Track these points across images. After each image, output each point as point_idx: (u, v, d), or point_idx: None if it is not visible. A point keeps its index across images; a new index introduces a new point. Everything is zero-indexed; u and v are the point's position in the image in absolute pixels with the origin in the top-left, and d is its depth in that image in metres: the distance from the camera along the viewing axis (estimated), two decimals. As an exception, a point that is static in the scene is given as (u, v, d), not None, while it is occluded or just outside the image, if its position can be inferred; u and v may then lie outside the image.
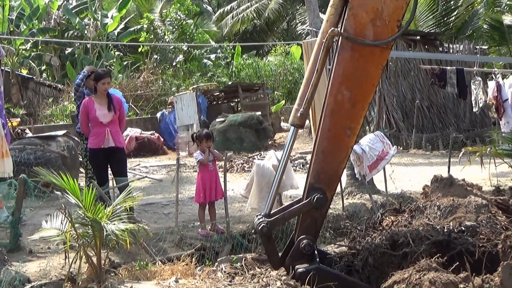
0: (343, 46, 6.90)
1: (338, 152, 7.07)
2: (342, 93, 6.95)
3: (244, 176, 17.26)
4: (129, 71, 35.38)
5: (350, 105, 6.98)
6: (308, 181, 7.10)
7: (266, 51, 46.24)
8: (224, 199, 11.05)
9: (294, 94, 35.30)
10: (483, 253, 6.82)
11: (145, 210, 12.76)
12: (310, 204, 6.98)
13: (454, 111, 26.44)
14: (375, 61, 6.94)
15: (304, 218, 7.13)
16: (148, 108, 31.50)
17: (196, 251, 9.81)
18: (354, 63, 6.92)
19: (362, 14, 6.82)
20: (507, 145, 13.90)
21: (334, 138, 7.04)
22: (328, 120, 6.99)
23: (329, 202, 7.16)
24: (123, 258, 9.11)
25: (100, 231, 7.20)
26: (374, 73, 7.01)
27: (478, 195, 8.24)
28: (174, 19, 35.61)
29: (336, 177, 7.20)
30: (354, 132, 7.05)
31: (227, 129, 23.95)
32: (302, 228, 7.12)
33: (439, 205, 8.02)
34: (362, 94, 7.03)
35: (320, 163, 7.05)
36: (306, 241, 6.96)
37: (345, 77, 6.93)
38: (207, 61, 36.02)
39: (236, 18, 44.90)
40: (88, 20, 36.92)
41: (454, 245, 7.00)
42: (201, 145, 10.98)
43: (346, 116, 7.02)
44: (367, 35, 6.82)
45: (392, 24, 6.82)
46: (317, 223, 7.15)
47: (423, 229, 7.36)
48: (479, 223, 7.40)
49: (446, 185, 8.41)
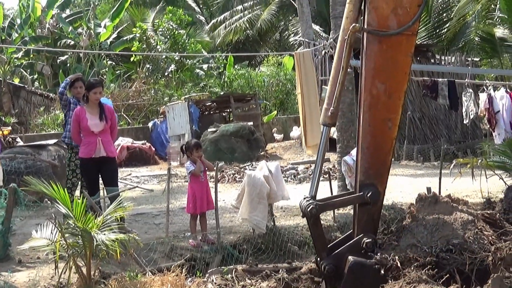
0: (369, 41, 6.90)
1: (383, 145, 7.10)
2: (377, 87, 6.95)
3: (236, 186, 17.24)
4: (121, 80, 35.37)
5: (386, 97, 6.98)
6: (358, 178, 7.13)
7: (258, 61, 46.29)
8: (215, 209, 11.03)
9: (286, 104, 35.39)
10: (472, 271, 6.81)
11: (136, 220, 12.72)
12: (362, 197, 7.02)
13: (446, 123, 26.52)
14: (403, 49, 6.95)
15: (360, 216, 7.18)
16: (140, 118, 31.50)
17: (187, 261, 9.78)
18: (383, 55, 6.92)
19: (382, 5, 6.81)
20: (498, 157, 13.94)
21: (377, 132, 7.05)
22: (368, 116, 6.98)
23: (382, 196, 7.18)
24: (113, 268, 9.05)
25: (90, 241, 7.18)
26: (404, 61, 7.03)
27: (464, 211, 8.21)
28: (166, 29, 35.65)
29: (385, 169, 7.21)
30: (395, 123, 7.06)
31: (218, 139, 23.95)
32: (360, 226, 7.16)
33: (425, 224, 7.97)
34: (396, 84, 7.04)
35: (367, 159, 7.09)
36: (370, 239, 6.97)
37: (377, 71, 6.93)
38: (200, 71, 36.05)
39: (228, 28, 44.95)
40: (82, 29, 36.92)
41: (443, 265, 6.98)
42: (191, 156, 10.97)
43: (384, 108, 7.03)
44: (391, 25, 6.82)
45: (413, 10, 6.82)
46: (374, 219, 7.21)
47: (411, 251, 7.33)
48: (466, 240, 7.38)
49: (431, 203, 8.37)
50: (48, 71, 36.98)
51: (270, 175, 10.92)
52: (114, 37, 38.87)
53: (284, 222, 12.34)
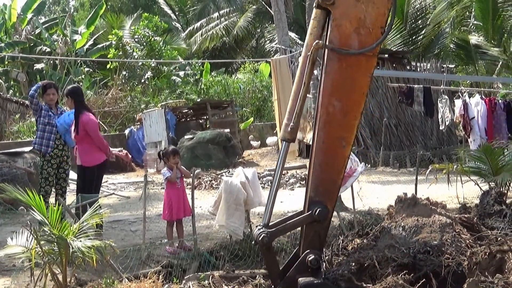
0: (329, 58, 6.87)
1: (334, 163, 7.03)
2: (333, 104, 6.92)
3: (212, 193, 17.22)
4: (98, 88, 35.24)
5: (342, 115, 6.94)
6: (308, 195, 7.08)
7: (235, 68, 46.37)
8: (191, 216, 11.01)
9: (262, 111, 35.44)
10: (448, 273, 6.85)
11: (112, 227, 12.69)
12: (311, 216, 6.91)
13: (422, 129, 26.68)
14: (362, 69, 6.92)
15: (307, 233, 7.05)
16: (116, 125, 31.39)
17: (163, 268, 9.75)
18: (342, 73, 6.88)
19: (345, 24, 6.81)
20: (473, 163, 14.03)
21: (330, 150, 7.00)
22: (322, 133, 6.95)
23: (330, 214, 7.12)
24: (89, 275, 9.02)
25: (66, 248, 7.14)
26: (363, 81, 6.99)
27: (443, 214, 8.27)
28: (142, 36, 35.59)
29: (335, 188, 7.14)
30: (348, 142, 7.01)
31: (195, 146, 23.94)
32: (306, 243, 7.04)
33: (404, 225, 8.02)
34: (353, 104, 7.00)
35: (318, 176, 7.01)
36: (313, 255, 6.92)
37: (334, 88, 6.90)
38: (176, 78, 36.02)
39: (205, 35, 45.01)
40: (58, 36, 36.75)
41: (420, 267, 7.01)
42: (168, 162, 10.97)
43: (339, 126, 6.98)
44: (352, 44, 6.80)
45: (376, 32, 6.82)
46: (321, 237, 7.08)
47: (389, 251, 7.37)
48: (444, 243, 7.43)
49: (410, 205, 8.42)
50: (24, 78, 36.78)
51: (247, 181, 10.92)
52: (91, 44, 38.78)
53: (261, 228, 12.32)
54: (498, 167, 13.25)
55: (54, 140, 11.52)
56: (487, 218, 9.44)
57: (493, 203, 10.15)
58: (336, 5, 6.77)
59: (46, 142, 11.48)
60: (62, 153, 11.65)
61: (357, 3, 6.76)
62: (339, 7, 6.78)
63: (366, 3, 6.76)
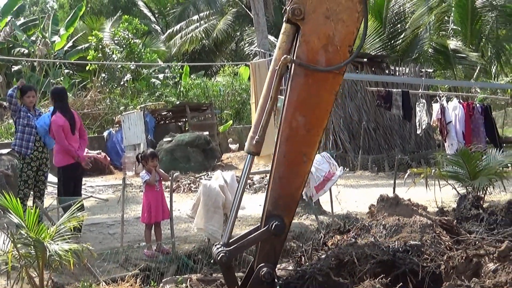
0: (296, 73, 6.88)
1: (295, 178, 7.03)
2: (297, 119, 6.93)
3: (191, 196, 17.20)
4: (76, 90, 35.06)
5: (305, 131, 6.95)
6: (266, 208, 7.05)
7: (214, 71, 46.39)
8: (170, 219, 11.00)
9: (242, 114, 35.47)
10: (427, 273, 6.89)
11: (90, 230, 12.63)
12: (268, 231, 6.91)
13: (400, 133, 26.78)
14: (328, 86, 6.94)
15: (263, 246, 7.04)
16: (95, 127, 31.24)
17: (141, 271, 9.72)
18: (308, 89, 6.89)
19: (314, 40, 6.82)
20: (451, 167, 14.11)
21: (290, 164, 6.99)
22: (284, 147, 6.95)
23: (287, 229, 7.10)
24: (67, 279, 8.98)
25: (43, 252, 7.10)
26: (328, 98, 7.00)
27: (423, 215, 8.35)
28: (122, 38, 35.48)
29: (293, 203, 7.13)
30: (309, 157, 7.02)
31: (174, 149, 23.90)
32: (261, 256, 7.03)
33: (385, 224, 8.09)
34: (316, 120, 7.01)
35: (277, 190, 7.00)
36: (266, 269, 6.88)
37: (299, 103, 6.91)
38: (155, 81, 35.95)
39: (184, 38, 44.97)
40: (36, 37, 36.55)
41: (399, 265, 7.06)
42: (147, 165, 10.96)
43: (301, 142, 6.99)
44: (320, 61, 6.82)
45: (343, 50, 6.84)
46: (276, 250, 7.08)
47: (369, 248, 7.41)
48: (423, 243, 7.49)
49: (392, 204, 8.48)
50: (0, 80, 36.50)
51: (225, 184, 10.92)
52: (70, 46, 38.56)
53: (239, 231, 12.25)
54: (476, 172, 13.35)
55: (34, 141, 11.50)
56: (464, 222, 9.53)
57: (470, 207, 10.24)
58: (306, 20, 6.81)
59: (26, 143, 11.45)
60: (41, 155, 11.62)
61: (326, 20, 6.79)
62: (309, 23, 6.82)
63: (336, 21, 6.80)
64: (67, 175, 11.61)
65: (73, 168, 11.54)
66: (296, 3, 6.80)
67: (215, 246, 7.11)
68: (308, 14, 6.81)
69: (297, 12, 6.77)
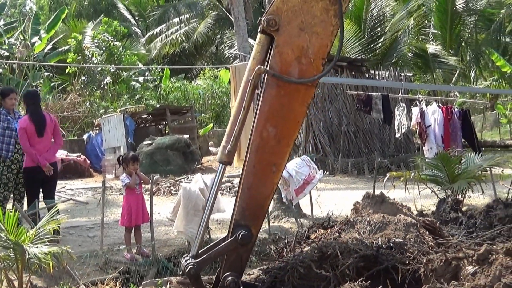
0: (268, 84, 6.86)
1: (263, 189, 6.99)
2: (268, 130, 6.91)
3: (171, 199, 17.18)
4: (56, 92, 34.91)
5: (275, 141, 6.93)
6: (234, 217, 7.03)
7: (194, 74, 46.35)
8: (150, 222, 10.99)
9: (222, 117, 35.49)
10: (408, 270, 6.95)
11: (69, 233, 12.59)
12: (235, 241, 6.86)
13: (380, 137, 26.88)
14: (300, 98, 6.93)
15: (229, 255, 7.00)
16: (75, 130, 31.14)
17: (121, 274, 9.71)
18: (280, 100, 6.88)
19: (287, 51, 6.82)
20: (430, 171, 14.20)
21: (260, 175, 6.97)
22: (254, 157, 6.93)
23: (254, 238, 7.08)
24: (46, 282, 8.96)
25: (22, 254, 7.08)
26: (299, 110, 6.99)
27: (408, 215, 8.42)
28: (102, 41, 35.38)
29: (261, 213, 7.09)
30: (279, 168, 7.00)
31: (154, 152, 23.84)
32: (227, 265, 6.99)
33: (370, 220, 8.15)
34: (287, 131, 7.00)
35: (245, 200, 6.96)
36: (231, 278, 6.87)
37: (271, 114, 6.90)
38: (136, 84, 35.83)
39: (165, 41, 44.93)
40: (16, 39, 36.37)
41: (382, 261, 7.12)
42: (127, 168, 10.94)
43: (271, 152, 6.97)
44: (292, 72, 6.81)
45: (317, 62, 6.84)
46: (243, 259, 7.03)
47: (352, 243, 7.46)
48: (407, 241, 7.55)
49: (378, 202, 8.55)
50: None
51: (205, 187, 10.93)
52: (49, 48, 38.38)
53: (220, 234, 12.32)
54: (455, 175, 13.45)
55: (14, 144, 11.48)
56: (443, 225, 9.60)
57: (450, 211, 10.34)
58: (280, 32, 6.79)
59: (6, 146, 11.41)
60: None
61: (301, 32, 6.79)
62: (283, 34, 6.81)
63: (310, 33, 6.79)
64: (30, 177, 11.57)
65: (36, 171, 11.44)
66: (271, 14, 6.79)
67: (183, 258, 7.10)
68: (283, 25, 6.80)
69: (272, 23, 6.77)
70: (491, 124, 40.31)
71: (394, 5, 36.79)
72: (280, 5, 6.80)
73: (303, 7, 6.79)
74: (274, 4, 6.83)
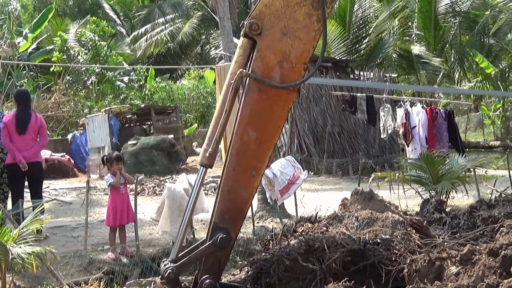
0: (250, 87, 6.86)
1: (243, 192, 7.00)
2: (248, 134, 6.91)
3: (156, 199, 17.15)
4: (40, 92, 34.77)
5: (256, 145, 6.93)
6: (213, 220, 7.03)
7: (179, 74, 46.29)
8: (134, 222, 10.97)
9: (207, 117, 35.44)
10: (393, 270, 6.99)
11: (53, 233, 12.54)
12: (214, 244, 6.85)
13: (364, 137, 26.95)
14: (281, 103, 6.93)
15: (207, 258, 7.01)
16: (59, 130, 31.02)
17: (105, 275, 9.69)
18: (261, 104, 6.88)
19: (269, 56, 6.82)
20: (414, 171, 14.25)
21: (240, 178, 6.97)
22: (234, 160, 6.93)
23: (233, 242, 7.08)
24: (29, 282, 8.92)
25: (5, 255, 7.05)
26: (280, 114, 6.99)
27: (396, 212, 8.46)
28: (88, 40, 35.28)
29: (240, 217, 7.09)
30: (259, 172, 7.00)
31: (139, 152, 23.80)
32: (205, 268, 7.00)
33: (358, 216, 8.20)
34: (268, 135, 7.00)
35: (225, 203, 6.96)
36: (209, 281, 6.85)
37: (252, 118, 6.90)
38: (120, 83, 35.72)
39: (150, 41, 44.84)
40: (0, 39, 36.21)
41: (369, 256, 7.18)
42: (111, 168, 10.92)
43: (251, 156, 6.97)
44: (274, 77, 6.82)
45: (299, 67, 6.84)
46: (221, 263, 7.04)
47: (340, 237, 7.50)
48: (394, 238, 7.59)
49: (366, 198, 8.60)
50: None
51: (190, 188, 10.91)
52: (34, 47, 38.22)
53: (204, 234, 12.28)
54: (438, 176, 13.50)
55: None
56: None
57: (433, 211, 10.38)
58: (262, 36, 6.80)
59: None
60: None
61: (283, 37, 6.80)
62: (265, 39, 6.81)
63: (293, 38, 6.80)
64: (11, 174, 11.63)
65: (16, 168, 11.46)
66: (254, 18, 6.79)
67: (162, 262, 7.09)
68: (266, 29, 6.81)
69: (254, 27, 6.77)
70: (475, 125, 40.53)
71: (378, 7, 36.90)
72: (263, 9, 6.81)
73: (286, 11, 6.80)
74: (257, 8, 6.84)
